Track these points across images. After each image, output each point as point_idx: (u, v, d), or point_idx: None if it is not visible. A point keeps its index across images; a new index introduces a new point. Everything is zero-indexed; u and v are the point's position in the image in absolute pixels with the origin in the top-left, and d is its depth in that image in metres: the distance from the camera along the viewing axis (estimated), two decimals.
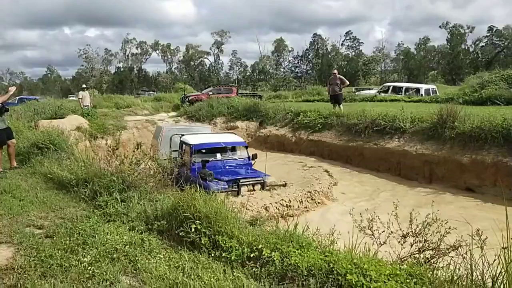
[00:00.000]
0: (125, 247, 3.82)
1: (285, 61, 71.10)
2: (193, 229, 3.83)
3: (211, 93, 22.94)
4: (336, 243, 3.70)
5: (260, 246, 3.51)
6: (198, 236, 3.81)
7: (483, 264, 2.67)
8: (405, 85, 21.93)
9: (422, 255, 3.31)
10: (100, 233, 4.10)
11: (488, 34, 56.45)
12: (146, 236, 4.09)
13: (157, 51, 74.38)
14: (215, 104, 18.21)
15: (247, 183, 7.98)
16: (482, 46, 57.12)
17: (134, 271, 3.42)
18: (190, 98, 22.60)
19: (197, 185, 4.58)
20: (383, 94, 19.97)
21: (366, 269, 2.90)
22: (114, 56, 72.60)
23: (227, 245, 3.62)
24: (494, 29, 55.57)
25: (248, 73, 71.48)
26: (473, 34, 57.70)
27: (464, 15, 77.21)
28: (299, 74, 67.54)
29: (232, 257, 3.49)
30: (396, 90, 20.23)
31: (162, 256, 3.68)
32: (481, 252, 2.77)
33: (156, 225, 4.30)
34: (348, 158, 12.04)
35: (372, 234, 3.77)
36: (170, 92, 32.11)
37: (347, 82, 14.74)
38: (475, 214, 7.33)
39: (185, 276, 3.25)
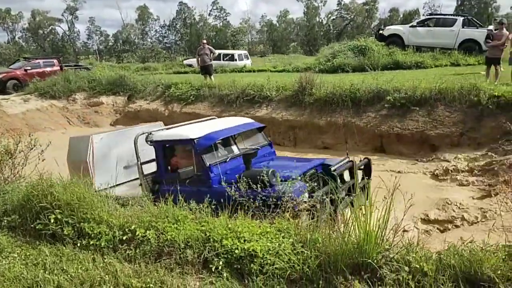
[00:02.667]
0: None
1: (151, 30, 67.44)
2: (52, 220, 3.40)
3: (28, 68, 18.36)
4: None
5: (133, 227, 3.33)
6: (60, 226, 3.41)
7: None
8: (222, 51, 23.96)
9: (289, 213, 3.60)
10: None
11: (337, 8, 63.13)
12: None
13: None
14: (73, 78, 16.26)
15: (341, 169, 5.05)
16: (333, 19, 63.70)
17: None
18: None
19: (241, 200, 3.68)
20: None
21: (240, 232, 3.03)
22: None
23: (95, 232, 3.34)
24: (342, 3, 62.39)
25: (110, 43, 65.57)
26: (325, 8, 63.96)
27: None
28: (168, 44, 65.01)
29: (102, 243, 3.25)
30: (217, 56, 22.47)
31: (16, 255, 3.21)
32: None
33: (5, 221, 3.71)
34: None
35: (249, 199, 3.94)
36: None
37: (216, 52, 14.85)
38: None
39: (47, 272, 2.90)
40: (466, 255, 2.51)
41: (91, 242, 3.26)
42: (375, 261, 2.57)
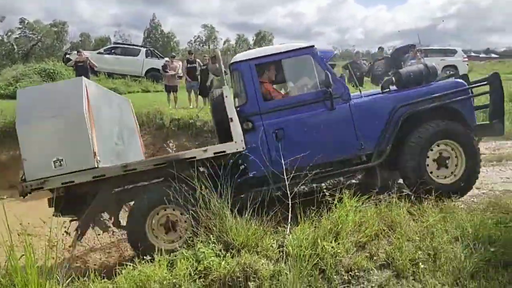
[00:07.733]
0: None
1: None
2: None
3: None
4: None
5: None
6: None
7: None
8: None
9: None
10: None
11: (20, 26, 55.63)
12: None
13: None
14: None
15: None
16: (16, 37, 55.70)
17: None
18: None
19: None
20: None
21: None
22: None
23: None
24: (26, 21, 55.46)
25: None
26: (4, 24, 55.01)
27: None
28: None
29: None
30: None
31: None
32: None
33: None
34: None
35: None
36: None
37: None
38: None
39: None
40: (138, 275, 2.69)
41: None
42: None
